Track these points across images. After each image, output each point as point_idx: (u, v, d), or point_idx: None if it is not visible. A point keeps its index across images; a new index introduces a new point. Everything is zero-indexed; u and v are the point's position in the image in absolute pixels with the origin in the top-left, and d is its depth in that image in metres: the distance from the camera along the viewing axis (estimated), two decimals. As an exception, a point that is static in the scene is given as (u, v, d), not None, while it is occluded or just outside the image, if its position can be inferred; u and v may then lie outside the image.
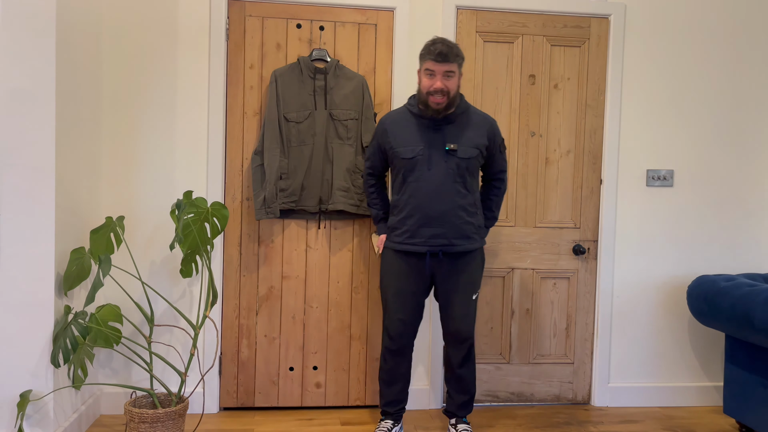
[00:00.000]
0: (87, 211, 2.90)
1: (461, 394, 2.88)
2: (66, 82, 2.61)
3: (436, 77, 2.61)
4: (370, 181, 2.91)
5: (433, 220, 2.68)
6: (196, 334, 2.74)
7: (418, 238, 2.70)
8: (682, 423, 3.23)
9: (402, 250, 2.75)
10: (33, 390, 2.52)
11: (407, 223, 2.72)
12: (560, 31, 3.32)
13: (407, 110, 2.78)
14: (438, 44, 2.61)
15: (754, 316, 2.70)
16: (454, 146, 2.68)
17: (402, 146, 2.71)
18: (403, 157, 2.70)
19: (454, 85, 2.65)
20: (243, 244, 3.17)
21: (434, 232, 2.69)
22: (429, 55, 2.62)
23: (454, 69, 2.63)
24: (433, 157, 2.68)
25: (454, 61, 2.62)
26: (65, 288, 2.59)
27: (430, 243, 2.70)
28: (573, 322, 3.43)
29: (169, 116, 3.08)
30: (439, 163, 2.68)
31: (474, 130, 2.74)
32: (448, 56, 2.59)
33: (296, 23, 3.15)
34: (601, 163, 3.40)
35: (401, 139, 2.72)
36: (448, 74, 2.62)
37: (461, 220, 2.71)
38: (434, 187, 2.67)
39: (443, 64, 2.60)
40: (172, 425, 2.62)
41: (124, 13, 3.02)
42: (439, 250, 2.71)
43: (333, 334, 3.26)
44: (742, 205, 3.49)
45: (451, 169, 2.68)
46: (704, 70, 3.43)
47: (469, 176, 2.73)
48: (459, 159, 2.69)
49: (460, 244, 2.72)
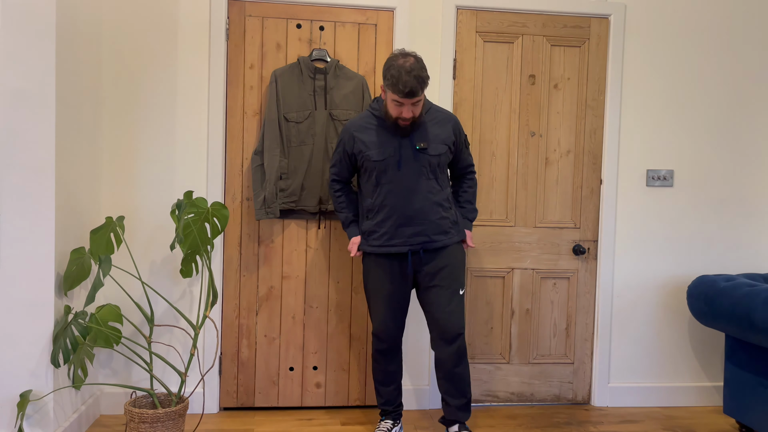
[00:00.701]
0: (87, 211, 2.90)
1: (458, 398, 2.78)
2: (66, 83, 2.61)
3: (403, 107, 2.58)
4: (336, 186, 2.86)
5: (410, 219, 2.68)
6: (196, 334, 2.74)
7: (398, 238, 2.70)
8: (682, 423, 3.23)
9: (383, 253, 2.73)
10: (33, 390, 2.52)
11: (385, 225, 2.70)
12: (560, 31, 3.32)
13: (371, 114, 2.75)
14: (409, 82, 2.50)
15: (754, 316, 2.70)
16: (424, 144, 2.68)
17: (372, 149, 2.69)
18: (375, 159, 2.68)
19: (419, 108, 2.63)
20: (243, 244, 3.17)
21: (413, 230, 2.69)
22: (397, 92, 2.53)
23: (422, 97, 2.61)
24: (404, 156, 2.68)
25: (422, 92, 2.57)
26: (65, 288, 2.59)
27: (410, 242, 2.70)
28: (573, 322, 3.43)
29: (169, 116, 3.08)
30: (410, 162, 2.68)
31: (440, 127, 2.74)
32: (416, 93, 2.53)
33: (296, 23, 3.15)
34: (601, 163, 3.40)
35: (370, 143, 2.70)
36: (416, 103, 2.59)
37: (438, 216, 2.71)
38: (408, 186, 2.67)
39: (411, 99, 2.55)
40: (172, 425, 2.62)
41: (124, 13, 3.02)
42: (420, 247, 2.70)
43: (333, 334, 3.26)
44: (742, 205, 3.49)
45: (423, 167, 2.68)
46: (704, 70, 3.43)
47: (440, 172, 2.74)
48: (430, 156, 2.69)
49: (439, 239, 2.72)
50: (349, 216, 2.86)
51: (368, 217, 2.77)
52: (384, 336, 2.79)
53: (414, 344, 3.28)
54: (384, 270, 2.75)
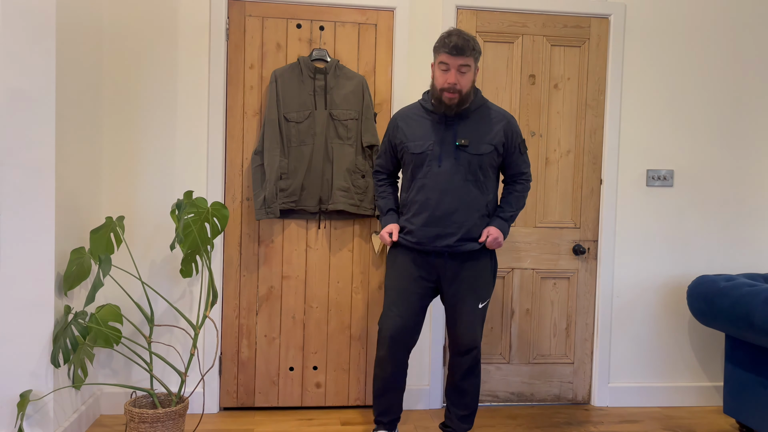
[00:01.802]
0: (87, 211, 2.89)
1: (461, 408, 2.73)
2: (66, 82, 2.61)
3: (450, 72, 2.47)
4: (379, 176, 2.81)
5: (440, 219, 2.55)
6: (196, 334, 2.74)
7: (426, 237, 2.57)
8: (682, 423, 3.23)
9: (408, 247, 2.63)
10: (33, 390, 2.52)
11: (414, 221, 2.60)
12: (560, 31, 3.32)
13: (420, 105, 2.66)
14: (454, 36, 2.46)
15: (754, 316, 2.70)
16: (465, 141, 2.54)
17: (412, 141, 2.60)
18: (413, 152, 2.59)
19: (469, 81, 2.51)
20: (243, 244, 3.17)
21: (439, 231, 2.56)
22: (444, 47, 2.47)
23: (470, 63, 2.49)
24: (443, 152, 2.55)
25: (470, 55, 2.47)
26: (65, 288, 2.59)
27: (437, 243, 2.57)
28: (573, 322, 3.43)
29: (169, 116, 3.07)
30: (449, 159, 2.55)
31: (489, 126, 2.60)
32: (464, 50, 2.45)
33: (296, 23, 3.15)
34: (601, 163, 3.40)
35: (411, 134, 2.61)
36: (463, 69, 2.48)
37: (470, 220, 2.57)
38: (443, 184, 2.55)
39: (458, 58, 2.45)
40: (172, 425, 2.62)
41: (124, 13, 3.02)
42: (445, 250, 2.58)
43: (333, 334, 3.26)
44: (742, 205, 3.49)
45: (462, 166, 2.54)
46: (704, 69, 3.43)
47: (482, 174, 2.59)
48: (470, 155, 2.55)
49: (466, 245, 2.58)
50: (389, 203, 2.75)
51: (402, 212, 2.69)
52: (400, 339, 2.60)
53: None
54: (407, 264, 2.63)
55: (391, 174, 2.81)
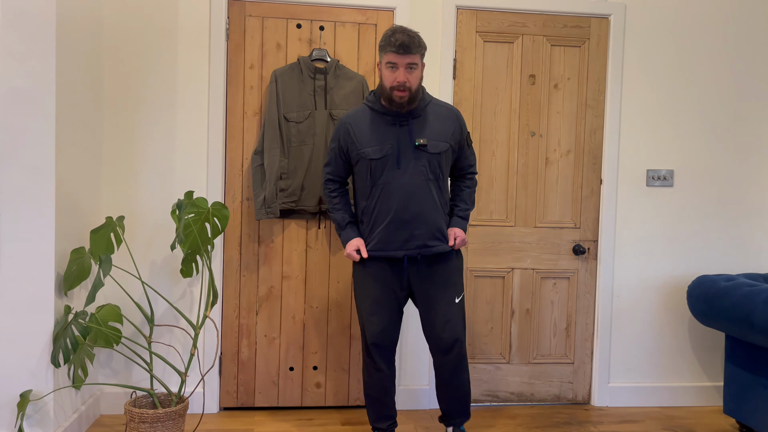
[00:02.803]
0: (87, 211, 2.89)
1: (455, 404, 2.69)
2: (66, 82, 2.61)
3: (398, 70, 2.43)
4: (330, 186, 2.67)
5: (407, 223, 2.50)
6: (197, 334, 2.74)
7: (393, 242, 2.52)
8: (682, 423, 3.23)
9: (377, 257, 2.56)
10: (33, 390, 2.52)
11: (379, 228, 2.53)
12: (560, 31, 3.32)
13: (367, 108, 2.59)
14: (399, 34, 2.42)
15: (754, 316, 2.70)
16: (424, 141, 2.51)
17: (368, 146, 2.52)
18: (371, 158, 2.51)
19: (417, 78, 2.47)
20: (243, 244, 3.17)
21: (410, 234, 2.51)
22: (390, 46, 2.43)
23: (417, 61, 2.45)
24: (402, 155, 2.50)
25: (417, 52, 2.44)
26: (65, 288, 2.59)
27: (406, 247, 2.52)
28: (573, 322, 3.43)
29: (169, 116, 3.07)
30: (408, 161, 2.50)
31: (441, 122, 2.57)
32: (410, 47, 2.42)
33: (296, 23, 3.15)
34: (601, 163, 3.40)
35: (367, 138, 2.53)
36: (411, 66, 2.44)
37: (437, 220, 2.54)
38: (406, 187, 2.50)
39: (405, 56, 2.42)
40: (172, 425, 2.62)
41: (124, 12, 3.02)
42: (417, 253, 2.53)
43: (333, 334, 3.26)
44: (742, 205, 3.49)
45: (422, 166, 2.51)
46: (704, 69, 3.43)
47: (441, 173, 2.57)
48: (430, 155, 2.52)
49: (438, 245, 2.55)
50: (346, 217, 2.64)
51: (362, 221, 2.61)
52: (384, 344, 2.59)
53: (413, 344, 3.28)
54: (376, 274, 2.57)
55: (343, 182, 2.70)
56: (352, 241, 2.59)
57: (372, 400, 2.68)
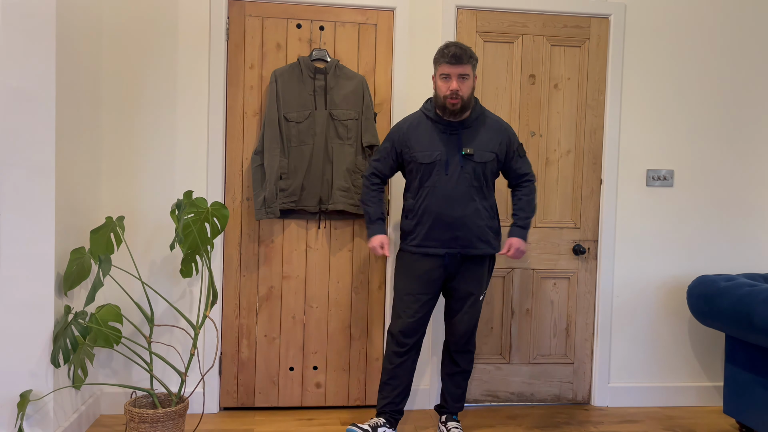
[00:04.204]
0: (87, 211, 2.90)
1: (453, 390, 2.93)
2: (66, 82, 2.61)
3: (451, 80, 2.65)
4: (373, 180, 2.86)
5: (450, 225, 2.70)
6: (196, 334, 2.74)
7: (435, 240, 2.72)
8: (682, 423, 3.23)
9: (419, 253, 2.76)
10: (33, 390, 2.52)
11: (424, 227, 2.74)
12: (560, 31, 3.32)
13: (423, 114, 2.80)
14: (451, 47, 2.65)
15: (754, 316, 2.70)
16: (471, 150, 2.71)
17: (421, 151, 2.73)
18: (422, 162, 2.72)
19: (469, 88, 2.68)
20: (243, 244, 3.17)
21: (452, 235, 2.71)
22: (443, 58, 2.66)
23: (468, 72, 2.66)
24: (450, 161, 2.71)
25: (468, 63, 2.65)
26: (65, 288, 2.59)
27: (448, 245, 2.72)
28: (573, 322, 3.43)
29: (169, 116, 3.07)
30: (455, 168, 2.71)
31: (490, 134, 2.77)
32: (461, 58, 2.63)
33: (296, 23, 3.15)
34: (601, 163, 3.40)
35: (420, 143, 2.74)
36: (463, 77, 2.65)
37: (478, 225, 2.73)
38: (451, 191, 2.70)
39: (457, 67, 2.63)
40: (172, 425, 2.62)
41: (124, 13, 3.02)
42: (458, 252, 2.73)
43: (333, 334, 3.26)
44: (742, 205, 3.49)
45: (467, 174, 2.71)
46: (704, 69, 3.43)
47: (485, 180, 2.76)
48: (475, 163, 2.72)
49: (480, 247, 2.75)
50: (378, 212, 2.84)
51: (407, 217, 2.80)
52: (411, 333, 2.78)
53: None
54: (417, 270, 2.77)
55: (384, 180, 2.90)
56: (379, 236, 2.82)
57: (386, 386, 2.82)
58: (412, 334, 2.78)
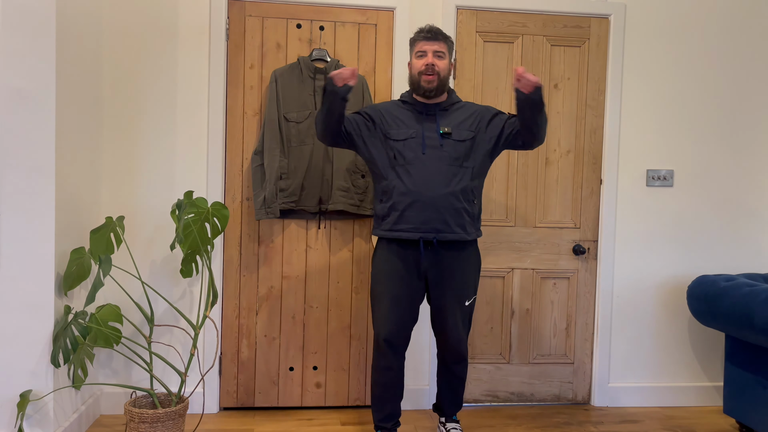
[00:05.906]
0: (87, 211, 2.90)
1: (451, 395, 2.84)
2: (66, 82, 2.61)
3: (427, 56, 2.60)
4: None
5: (425, 206, 2.53)
6: (196, 334, 2.74)
7: (410, 223, 2.54)
8: (682, 423, 3.23)
9: (394, 238, 2.59)
10: (33, 390, 2.52)
11: (398, 208, 2.56)
12: (560, 31, 3.32)
13: (399, 101, 2.72)
14: (426, 26, 2.65)
15: (754, 316, 2.70)
16: (449, 129, 2.60)
17: (396, 128, 2.61)
18: (396, 138, 2.58)
19: (445, 66, 2.62)
20: (243, 244, 3.17)
21: (427, 217, 2.53)
22: (418, 35, 2.64)
23: (444, 50, 2.62)
24: (426, 140, 2.58)
25: (444, 41, 2.62)
26: (65, 288, 2.59)
27: (422, 229, 2.54)
28: (573, 322, 3.43)
29: (169, 116, 3.08)
30: (433, 147, 2.57)
31: (466, 115, 2.66)
32: (437, 35, 2.61)
33: (296, 23, 3.15)
34: (601, 163, 3.40)
35: (396, 121, 2.63)
36: (439, 54, 2.61)
37: (456, 207, 2.56)
38: (428, 171, 2.55)
39: (432, 43, 2.60)
40: (172, 425, 2.62)
41: (124, 13, 3.02)
42: (433, 237, 2.54)
43: (333, 334, 3.26)
44: (742, 205, 3.49)
45: (446, 152, 2.57)
46: (704, 69, 3.43)
47: (466, 161, 2.59)
48: (454, 142, 2.58)
49: (455, 231, 2.56)
50: None
51: (381, 201, 2.63)
52: (396, 342, 2.61)
53: (414, 343, 3.28)
54: (396, 267, 2.60)
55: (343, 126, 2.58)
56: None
57: (379, 399, 2.69)
58: (400, 340, 2.62)
